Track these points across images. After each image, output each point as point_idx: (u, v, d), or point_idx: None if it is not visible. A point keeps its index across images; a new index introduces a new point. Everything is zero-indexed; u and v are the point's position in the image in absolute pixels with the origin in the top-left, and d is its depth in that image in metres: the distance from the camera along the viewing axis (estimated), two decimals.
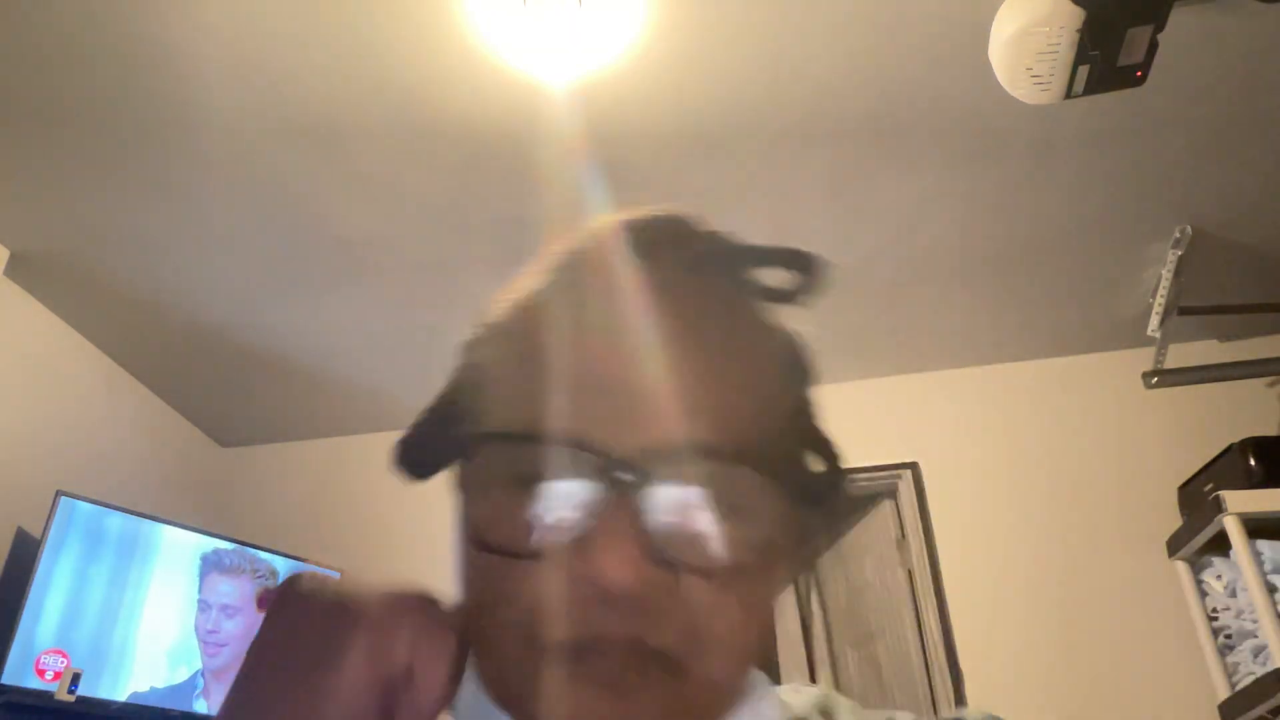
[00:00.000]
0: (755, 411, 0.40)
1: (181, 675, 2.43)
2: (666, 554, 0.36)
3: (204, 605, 2.51)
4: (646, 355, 0.39)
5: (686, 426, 0.37)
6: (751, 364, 0.43)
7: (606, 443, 0.37)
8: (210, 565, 2.55)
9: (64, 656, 2.23)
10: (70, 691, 2.20)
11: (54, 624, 2.25)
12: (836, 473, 0.44)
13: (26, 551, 2.32)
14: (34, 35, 1.85)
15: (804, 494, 0.42)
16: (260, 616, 2.62)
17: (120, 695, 2.31)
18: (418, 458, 0.46)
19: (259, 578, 2.64)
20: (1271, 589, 2.25)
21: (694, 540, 0.37)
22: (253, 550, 2.66)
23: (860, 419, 3.01)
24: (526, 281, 0.48)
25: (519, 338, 0.44)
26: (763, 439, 0.39)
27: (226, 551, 2.60)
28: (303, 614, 0.40)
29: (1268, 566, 2.28)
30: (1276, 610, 2.21)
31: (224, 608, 2.54)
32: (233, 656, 2.52)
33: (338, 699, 0.36)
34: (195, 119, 2.05)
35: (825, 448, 0.45)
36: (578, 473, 0.37)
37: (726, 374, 0.40)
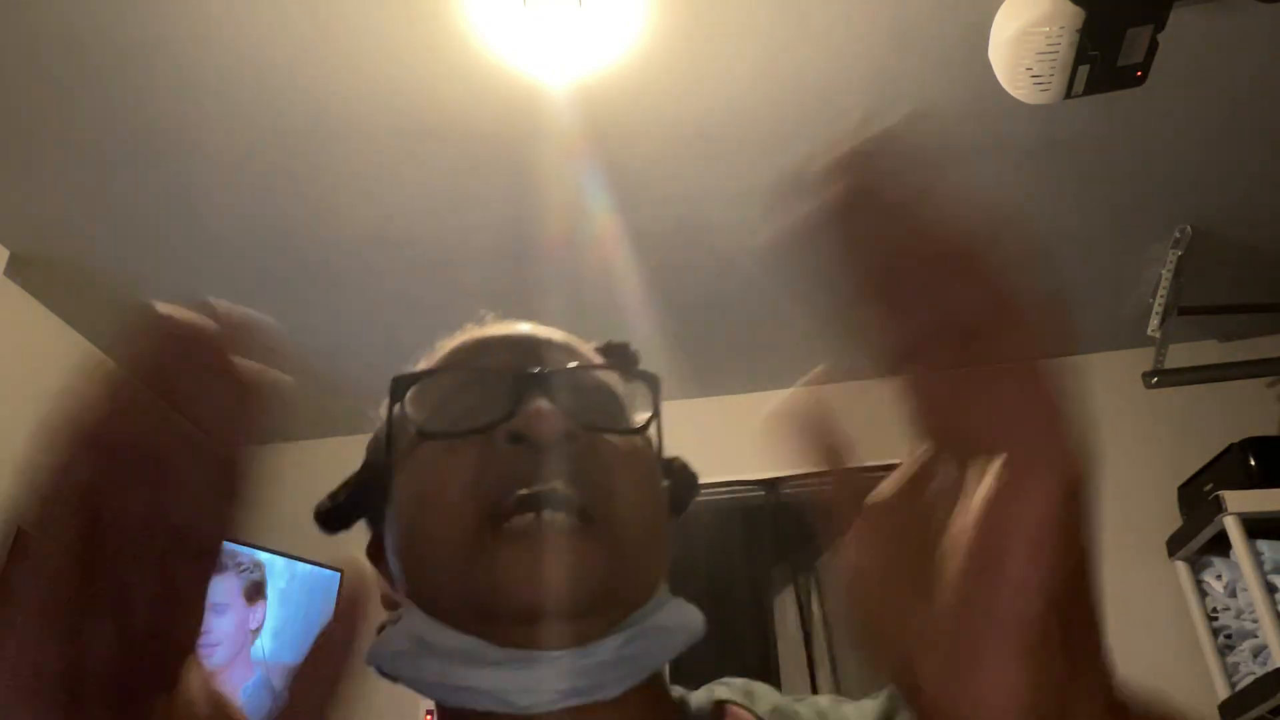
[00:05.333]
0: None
1: None
2: (578, 413, 0.47)
3: None
4: (533, 339, 0.55)
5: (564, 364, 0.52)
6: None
7: (515, 362, 0.50)
8: None
9: None
10: None
11: None
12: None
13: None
14: (34, 35, 1.85)
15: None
16: (250, 609, 2.59)
17: None
18: (341, 511, 0.56)
19: (243, 571, 2.63)
20: (1271, 589, 2.25)
21: (597, 406, 0.50)
22: (234, 545, 2.65)
23: (860, 419, 3.01)
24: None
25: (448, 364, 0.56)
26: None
27: None
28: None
29: (1268, 566, 2.28)
30: (1276, 610, 2.21)
31: (213, 606, 2.53)
32: (227, 655, 2.52)
33: None
34: (195, 119, 2.05)
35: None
36: (498, 381, 0.49)
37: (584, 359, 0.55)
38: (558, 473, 0.45)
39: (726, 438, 3.11)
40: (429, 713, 2.78)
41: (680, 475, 0.57)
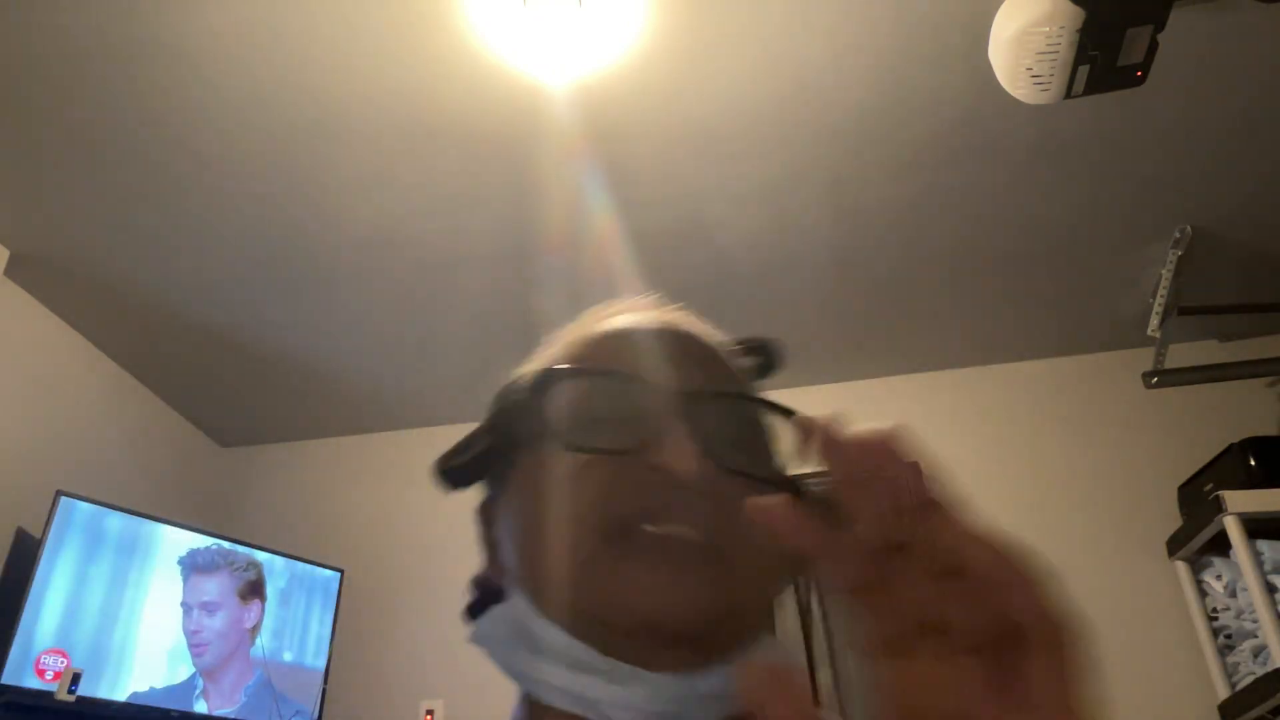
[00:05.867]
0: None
1: (181, 675, 2.43)
2: (720, 450, 0.46)
3: (186, 607, 2.50)
4: (683, 341, 0.53)
5: (714, 383, 0.50)
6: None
7: (664, 379, 0.48)
8: (189, 567, 2.53)
9: (64, 656, 2.23)
10: (70, 691, 2.20)
11: (54, 624, 2.25)
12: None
13: (26, 551, 2.32)
14: (34, 35, 1.85)
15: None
16: (244, 609, 2.60)
17: (120, 695, 2.31)
18: (467, 468, 0.55)
19: (237, 571, 2.62)
20: (1271, 589, 2.25)
21: (741, 444, 0.48)
22: (231, 544, 2.65)
23: (860, 419, 3.01)
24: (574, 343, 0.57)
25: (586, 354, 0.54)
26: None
27: (201, 550, 2.57)
28: None
29: (1268, 566, 2.28)
30: (1276, 610, 2.21)
31: (204, 605, 2.52)
32: (220, 655, 2.51)
33: None
34: (195, 119, 2.05)
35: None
36: (644, 396, 0.48)
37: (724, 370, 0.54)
38: (693, 506, 0.45)
39: None
40: (429, 712, 2.78)
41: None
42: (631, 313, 0.56)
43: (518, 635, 0.47)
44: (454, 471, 0.54)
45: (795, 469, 0.50)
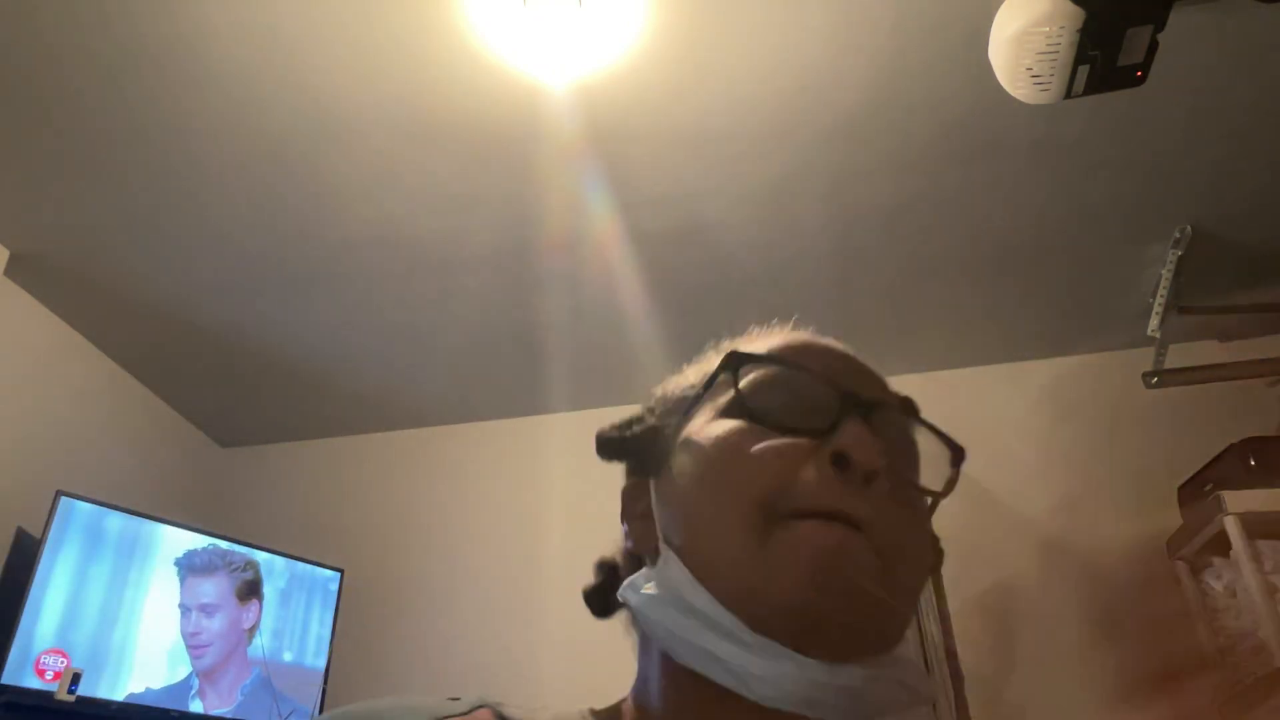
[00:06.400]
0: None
1: (180, 675, 2.43)
2: (891, 453, 0.48)
3: (184, 609, 2.50)
4: (857, 361, 0.56)
5: (886, 397, 0.54)
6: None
7: (847, 384, 0.51)
8: (185, 569, 2.53)
9: (64, 656, 2.23)
10: (70, 691, 2.20)
11: (54, 624, 2.25)
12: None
13: (26, 551, 2.32)
14: (34, 35, 1.85)
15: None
16: (242, 609, 2.59)
17: (120, 695, 2.31)
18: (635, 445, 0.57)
19: (235, 571, 2.62)
20: (1271, 589, 2.25)
21: (905, 453, 0.52)
22: (228, 544, 2.64)
23: None
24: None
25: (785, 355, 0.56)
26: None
27: (198, 551, 2.56)
28: None
29: (1268, 566, 2.28)
30: (1277, 610, 2.21)
31: (202, 607, 2.52)
32: (218, 656, 2.51)
33: None
34: (195, 119, 2.05)
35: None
36: (831, 393, 0.50)
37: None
38: (869, 508, 0.46)
39: None
40: None
41: (936, 549, 0.58)
42: (795, 333, 0.59)
43: (669, 596, 0.48)
44: (615, 442, 0.56)
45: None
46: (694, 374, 0.59)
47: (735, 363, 0.53)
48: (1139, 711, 2.46)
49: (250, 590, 2.63)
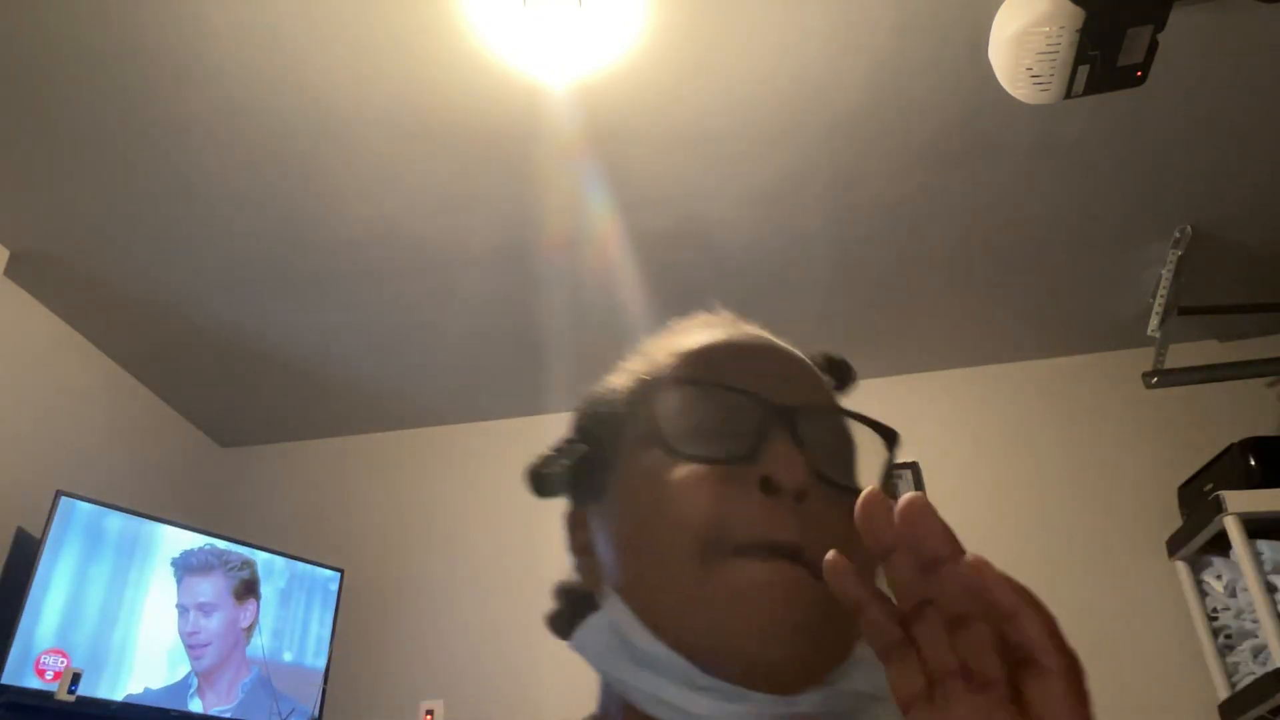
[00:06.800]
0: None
1: (179, 675, 2.43)
2: (821, 462, 0.47)
3: (182, 609, 2.49)
4: (779, 356, 0.54)
5: (812, 396, 0.52)
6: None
7: (768, 393, 0.49)
8: (181, 568, 2.53)
9: (64, 656, 2.23)
10: (70, 691, 2.20)
11: (54, 624, 2.25)
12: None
13: (26, 551, 2.32)
14: (34, 35, 1.85)
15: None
16: (240, 608, 2.58)
17: (120, 695, 2.31)
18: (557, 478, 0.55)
19: (232, 570, 2.62)
20: (1271, 589, 2.25)
21: (838, 457, 0.49)
22: (225, 544, 2.64)
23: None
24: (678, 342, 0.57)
25: (691, 365, 0.54)
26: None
27: (194, 551, 2.56)
28: None
29: (1268, 566, 2.28)
30: (1276, 610, 2.21)
31: (200, 606, 2.52)
32: (217, 655, 2.51)
33: None
34: (195, 119, 2.05)
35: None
36: (750, 409, 0.48)
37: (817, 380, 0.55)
38: (802, 529, 0.45)
39: None
40: (429, 713, 2.78)
41: None
42: (714, 328, 0.56)
43: (619, 644, 0.47)
44: (548, 478, 0.55)
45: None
46: (624, 379, 0.57)
47: (650, 390, 0.52)
48: (1137, 712, 2.46)
49: (247, 589, 2.63)
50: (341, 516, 3.15)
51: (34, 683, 2.17)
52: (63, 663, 2.22)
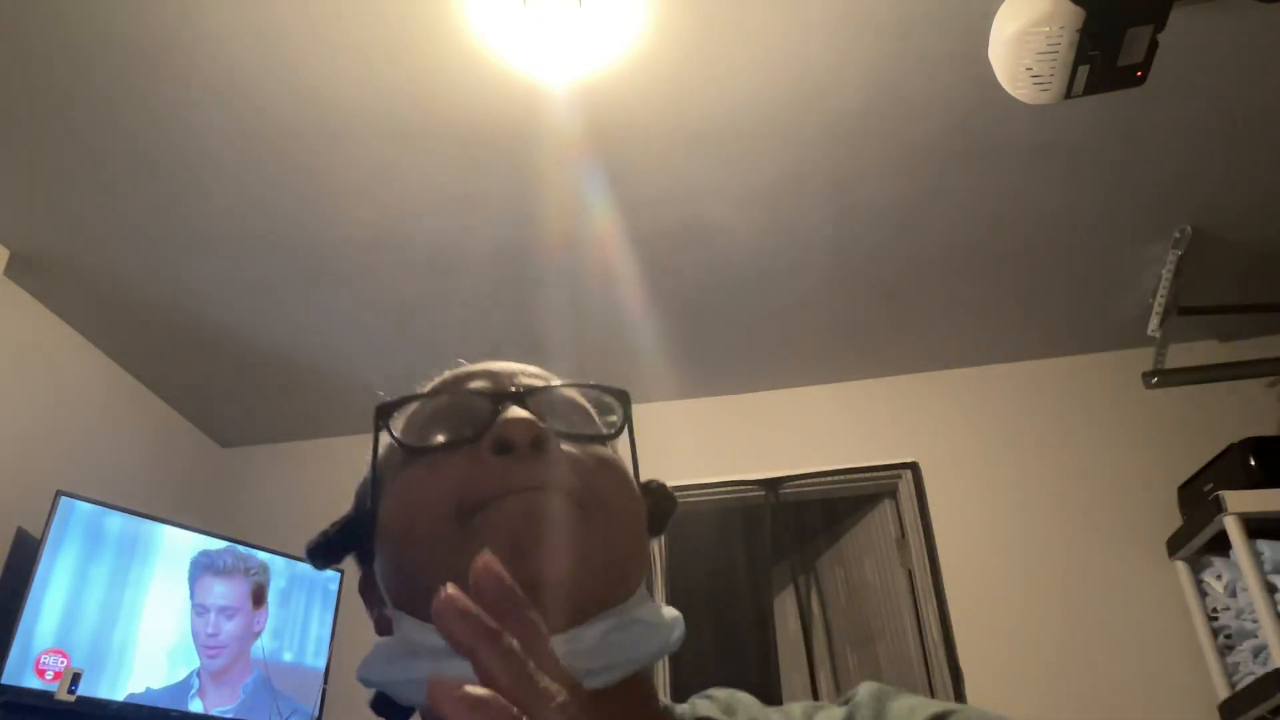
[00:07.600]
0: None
1: (180, 674, 2.43)
2: (554, 423, 0.49)
3: (201, 609, 2.50)
4: (513, 366, 0.57)
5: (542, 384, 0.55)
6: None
7: (493, 386, 0.53)
8: (201, 568, 2.53)
9: (64, 656, 2.23)
10: (70, 691, 2.20)
11: (54, 624, 2.25)
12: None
13: (26, 551, 2.32)
14: (34, 35, 1.85)
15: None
16: (255, 613, 2.58)
17: (120, 695, 2.31)
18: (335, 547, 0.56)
19: (252, 575, 2.63)
20: (1271, 589, 2.25)
21: (572, 418, 0.52)
22: (245, 548, 2.65)
23: (860, 419, 3.01)
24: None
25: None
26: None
27: (217, 552, 2.58)
28: None
29: (1268, 566, 2.28)
30: (1276, 610, 2.21)
31: (222, 609, 2.53)
32: (231, 657, 2.52)
33: None
34: (195, 119, 2.05)
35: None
36: (476, 399, 0.51)
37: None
38: (547, 471, 0.46)
39: (726, 438, 3.11)
40: None
41: (658, 495, 0.57)
42: (474, 364, 0.60)
43: (406, 650, 0.46)
44: (319, 547, 0.55)
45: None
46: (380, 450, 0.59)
47: (383, 416, 0.54)
48: (1137, 712, 2.46)
49: (261, 595, 2.64)
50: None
51: (34, 683, 2.17)
52: (63, 663, 2.22)
